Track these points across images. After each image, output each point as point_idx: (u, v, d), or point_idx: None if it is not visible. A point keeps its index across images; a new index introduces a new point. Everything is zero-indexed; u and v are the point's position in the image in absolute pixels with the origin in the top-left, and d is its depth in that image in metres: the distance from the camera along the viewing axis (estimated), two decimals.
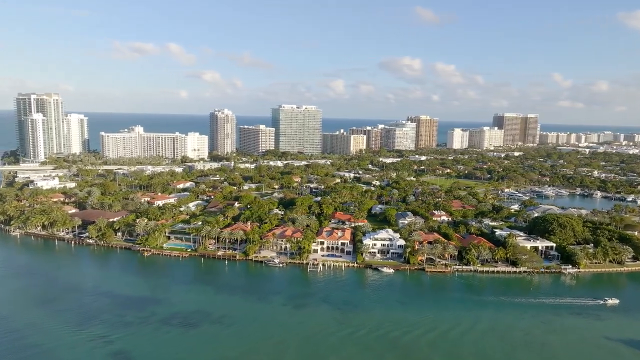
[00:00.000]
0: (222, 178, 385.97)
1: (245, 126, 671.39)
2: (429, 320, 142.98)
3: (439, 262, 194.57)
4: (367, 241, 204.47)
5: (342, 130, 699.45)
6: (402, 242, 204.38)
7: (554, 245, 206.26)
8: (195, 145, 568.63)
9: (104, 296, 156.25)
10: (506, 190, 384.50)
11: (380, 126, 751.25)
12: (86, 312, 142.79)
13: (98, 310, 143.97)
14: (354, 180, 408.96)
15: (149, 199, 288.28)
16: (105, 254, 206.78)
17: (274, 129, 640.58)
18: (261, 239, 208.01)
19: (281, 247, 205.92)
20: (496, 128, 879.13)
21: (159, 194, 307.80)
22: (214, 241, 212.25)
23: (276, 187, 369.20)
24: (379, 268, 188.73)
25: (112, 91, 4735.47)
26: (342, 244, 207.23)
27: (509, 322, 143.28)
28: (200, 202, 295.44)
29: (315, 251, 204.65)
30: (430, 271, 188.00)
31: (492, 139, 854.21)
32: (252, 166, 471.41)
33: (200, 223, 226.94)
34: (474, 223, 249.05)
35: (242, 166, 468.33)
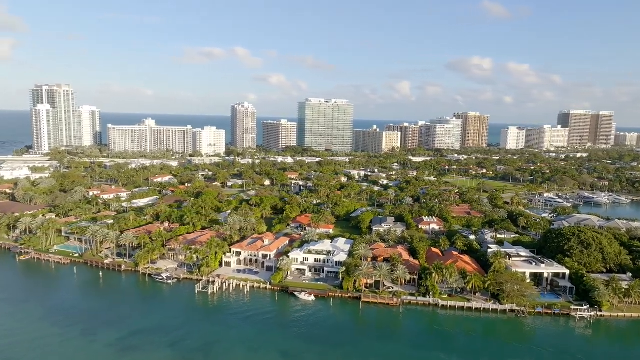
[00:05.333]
0: (212, 173, 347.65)
1: (269, 121, 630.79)
2: None
3: (388, 288, 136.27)
4: (294, 254, 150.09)
5: (374, 127, 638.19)
6: (342, 257, 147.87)
7: (567, 272, 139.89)
8: (211, 140, 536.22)
9: None
10: (545, 194, 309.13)
11: (421, 123, 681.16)
12: None
13: None
14: (362, 179, 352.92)
15: (98, 192, 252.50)
16: None
17: (295, 123, 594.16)
18: (164, 245, 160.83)
19: (186, 256, 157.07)
20: (559, 127, 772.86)
21: (113, 187, 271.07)
22: (112, 245, 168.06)
23: (266, 183, 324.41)
24: (296, 293, 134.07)
25: (186, 95, 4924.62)
26: (264, 256, 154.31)
27: None
28: (156, 197, 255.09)
29: (228, 264, 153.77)
30: (365, 301, 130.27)
31: (554, 138, 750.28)
32: (257, 162, 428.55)
33: (111, 222, 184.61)
34: (471, 235, 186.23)
35: (243, 162, 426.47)
